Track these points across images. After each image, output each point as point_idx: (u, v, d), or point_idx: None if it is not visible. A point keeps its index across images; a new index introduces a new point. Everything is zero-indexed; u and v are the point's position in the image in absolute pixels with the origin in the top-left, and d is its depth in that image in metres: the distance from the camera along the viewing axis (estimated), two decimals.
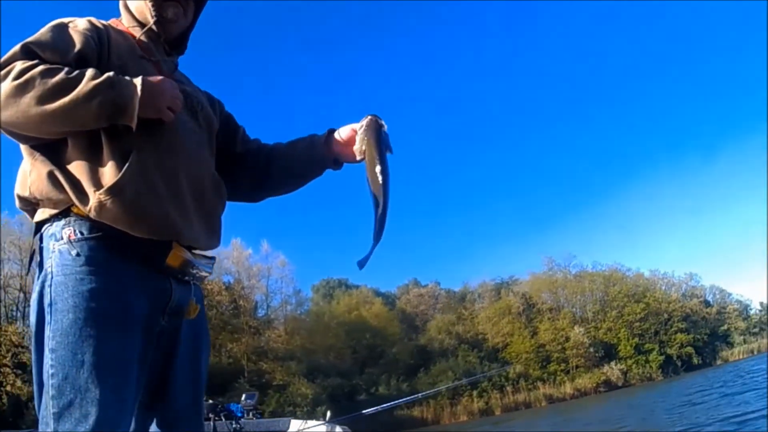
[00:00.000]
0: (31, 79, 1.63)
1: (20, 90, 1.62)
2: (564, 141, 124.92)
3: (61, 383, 1.59)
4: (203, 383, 2.07)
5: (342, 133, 2.17)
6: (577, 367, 57.44)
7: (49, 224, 1.78)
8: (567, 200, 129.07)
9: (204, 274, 1.99)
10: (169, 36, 2.13)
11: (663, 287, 75.83)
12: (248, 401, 8.81)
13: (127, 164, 1.72)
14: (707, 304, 79.85)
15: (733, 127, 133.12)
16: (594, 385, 56.09)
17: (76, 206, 1.73)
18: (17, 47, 1.73)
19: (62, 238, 1.72)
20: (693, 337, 68.83)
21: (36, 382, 1.68)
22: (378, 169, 2.00)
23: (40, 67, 1.66)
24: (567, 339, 59.09)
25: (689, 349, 67.26)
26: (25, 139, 1.74)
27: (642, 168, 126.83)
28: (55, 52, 1.77)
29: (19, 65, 1.66)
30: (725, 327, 78.88)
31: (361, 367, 48.99)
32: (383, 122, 2.08)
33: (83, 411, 1.58)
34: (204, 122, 2.10)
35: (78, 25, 1.88)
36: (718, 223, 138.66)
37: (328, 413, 10.43)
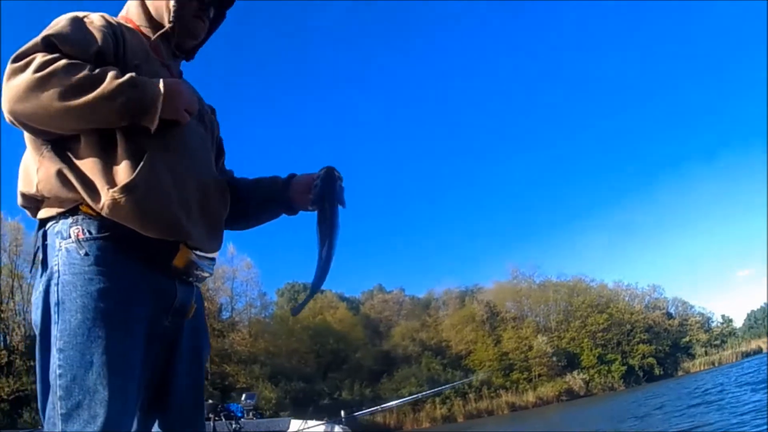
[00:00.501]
0: (54, 73, 1.64)
1: (42, 83, 1.62)
2: (530, 151, 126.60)
3: (69, 384, 1.59)
4: (203, 383, 2.10)
5: (300, 181, 2.19)
6: (539, 375, 58.23)
7: (54, 222, 1.77)
8: (533, 210, 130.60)
9: (206, 274, 2.01)
10: (182, 45, 2.17)
11: (626, 298, 77.13)
12: (248, 401, 9.14)
13: (141, 164, 1.74)
14: (670, 316, 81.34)
15: (700, 143, 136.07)
16: (556, 393, 56.87)
17: (85, 205, 1.74)
18: (38, 39, 1.73)
19: (70, 237, 1.72)
20: (655, 348, 70.16)
21: (40, 381, 1.68)
22: (326, 224, 2.06)
23: (63, 62, 1.67)
24: (530, 348, 59.83)
25: (651, 360, 68.51)
26: (39, 133, 1.74)
27: (609, 180, 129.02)
28: (75, 47, 1.77)
29: (40, 57, 1.66)
30: (687, 339, 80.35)
31: (324, 372, 49.20)
32: (339, 175, 2.12)
33: (91, 412, 1.58)
34: (209, 127, 2.15)
35: (94, 21, 1.88)
36: (682, 236, 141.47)
37: (342, 412, 11.00)
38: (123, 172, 1.72)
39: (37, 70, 1.62)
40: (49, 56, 1.67)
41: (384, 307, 63.20)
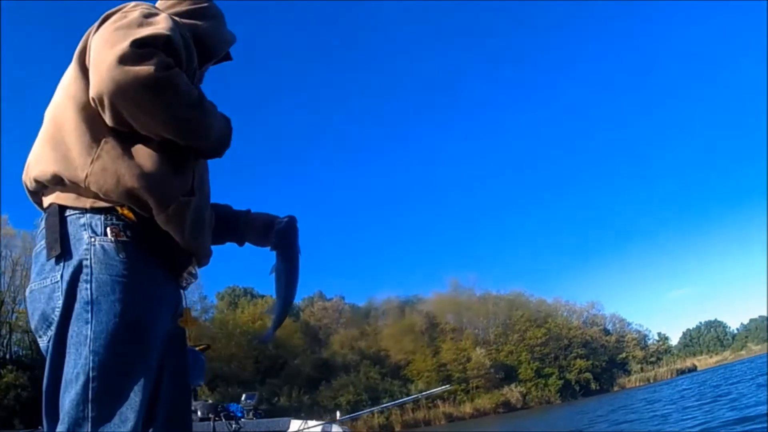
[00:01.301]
0: (175, 80, 1.63)
1: (161, 85, 1.60)
2: (472, 165, 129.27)
3: (104, 388, 1.58)
4: (190, 395, 2.11)
5: (258, 220, 2.26)
6: (477, 387, 59.71)
7: (78, 213, 1.72)
8: (475, 224, 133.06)
9: (194, 281, 2.03)
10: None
11: (565, 314, 79.54)
12: (248, 401, 9.06)
13: (193, 176, 1.82)
14: (607, 332, 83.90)
15: (638, 168, 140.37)
16: (493, 405, 58.41)
17: (127, 208, 1.72)
18: (160, 31, 1.68)
19: (106, 235, 1.69)
20: (592, 363, 72.35)
21: (50, 374, 1.65)
22: (290, 267, 2.21)
23: (182, 75, 1.68)
24: (468, 359, 61.39)
25: (588, 375, 70.59)
26: (117, 121, 1.66)
27: (551, 199, 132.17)
28: (179, 58, 1.75)
29: (164, 57, 1.63)
30: (623, 355, 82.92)
31: (262, 378, 49.50)
32: (296, 226, 2.24)
33: (123, 416, 1.59)
34: None
35: (176, 26, 1.83)
36: (622, 256, 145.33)
37: (338, 413, 11.43)
38: (181, 181, 1.77)
39: (159, 69, 1.59)
40: (169, 60, 1.65)
41: (324, 315, 63.96)
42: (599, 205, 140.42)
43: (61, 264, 1.67)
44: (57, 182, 1.75)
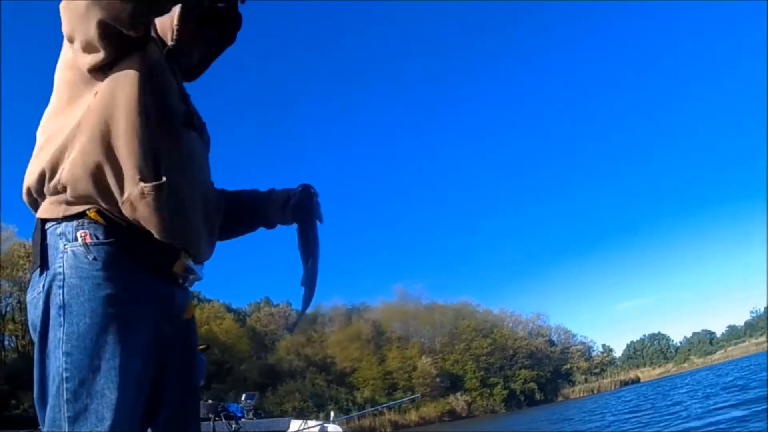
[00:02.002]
0: None
1: None
2: (422, 173, 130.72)
3: (77, 388, 1.60)
4: (198, 392, 2.14)
5: (280, 196, 2.23)
6: (423, 395, 59.32)
7: (56, 223, 1.76)
8: (423, 232, 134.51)
9: (198, 277, 2.03)
10: (181, 65, 2.13)
11: (511, 324, 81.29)
12: (248, 401, 9.34)
13: (163, 167, 1.77)
14: (552, 343, 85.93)
15: (590, 181, 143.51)
16: (439, 414, 59.60)
17: (94, 210, 1.74)
18: None
19: (76, 240, 1.71)
20: (537, 373, 74.32)
21: (38, 382, 1.69)
22: (308, 238, 2.17)
23: None
24: (414, 368, 62.52)
25: (532, 385, 72.39)
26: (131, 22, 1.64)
27: (500, 210, 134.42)
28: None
29: None
30: (568, 366, 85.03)
31: (207, 383, 48.20)
32: (315, 191, 2.22)
33: (99, 415, 1.60)
34: (206, 139, 2.14)
35: None
36: (569, 268, 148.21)
37: (332, 413, 11.48)
38: (148, 171, 1.73)
39: None
40: None
41: (270, 320, 64.35)
42: (548, 218, 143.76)
43: (44, 275, 1.71)
44: (38, 189, 1.80)
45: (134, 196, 1.72)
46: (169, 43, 2.03)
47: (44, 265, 1.74)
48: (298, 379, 54.72)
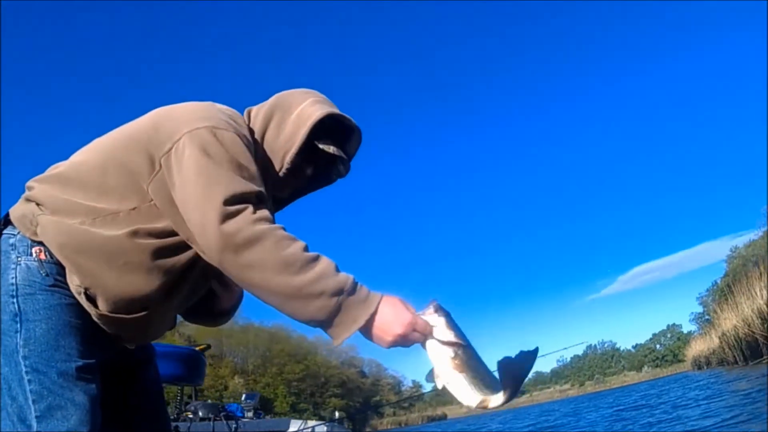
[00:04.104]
0: (270, 240, 1.64)
1: (252, 245, 1.63)
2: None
3: (39, 389, 1.68)
4: (167, 413, 2.27)
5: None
6: None
7: (14, 230, 1.85)
8: None
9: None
10: (277, 193, 2.11)
11: (325, 352, 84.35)
12: (248, 401, 10.25)
13: (144, 314, 1.85)
14: (364, 374, 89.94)
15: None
16: None
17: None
18: (250, 188, 1.73)
19: (31, 255, 1.79)
20: (347, 402, 77.92)
21: None
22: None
23: (280, 232, 1.68)
24: (226, 387, 64.52)
25: (342, 414, 74.79)
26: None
27: (336, 232, 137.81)
28: (266, 204, 1.80)
29: (259, 215, 1.68)
30: (378, 398, 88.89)
31: None
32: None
33: (63, 412, 1.68)
34: None
35: (250, 156, 1.85)
36: None
37: (337, 413, 13.23)
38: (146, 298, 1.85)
39: (253, 223, 1.64)
40: (263, 213, 1.70)
41: None
42: (364, 245, 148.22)
43: None
44: (52, 200, 1.85)
45: (73, 288, 1.79)
46: (279, 171, 2.00)
47: None
48: None
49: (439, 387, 1.74)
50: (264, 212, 1.71)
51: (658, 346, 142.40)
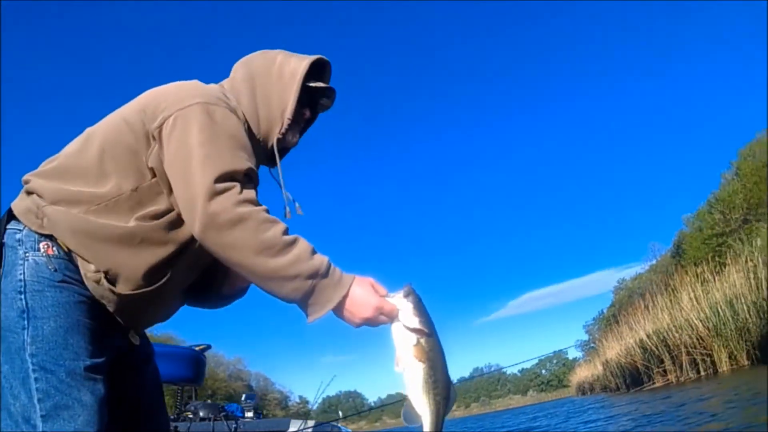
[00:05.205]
0: (251, 223, 1.71)
1: (234, 225, 1.70)
2: None
3: (46, 387, 1.68)
4: (164, 405, 2.29)
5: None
6: None
7: (19, 226, 1.85)
8: None
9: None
10: (287, 144, 2.20)
11: (213, 365, 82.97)
12: (248, 401, 9.32)
13: (164, 280, 1.91)
14: (250, 388, 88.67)
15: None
16: None
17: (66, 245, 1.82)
18: (240, 166, 1.80)
19: (39, 250, 1.80)
20: None
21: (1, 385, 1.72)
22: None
23: (261, 215, 1.74)
24: None
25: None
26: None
27: None
28: (255, 178, 1.89)
29: (244, 195, 1.75)
30: (264, 413, 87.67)
31: None
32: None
33: (70, 412, 1.68)
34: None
35: (243, 131, 1.94)
36: (278, 312, 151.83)
37: (340, 413, 12.24)
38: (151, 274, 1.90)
39: (238, 205, 1.71)
40: (249, 195, 1.77)
41: None
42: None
43: (3, 279, 1.79)
44: (55, 194, 1.86)
45: (90, 275, 1.83)
46: (273, 137, 2.12)
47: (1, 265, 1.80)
48: None
49: (397, 372, 1.81)
50: (250, 193, 1.78)
51: (543, 371, 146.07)
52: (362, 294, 1.80)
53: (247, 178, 1.82)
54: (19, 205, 1.89)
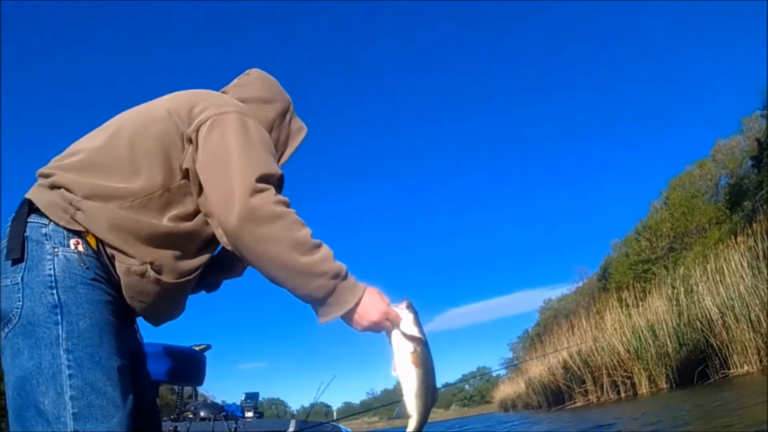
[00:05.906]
0: (287, 221, 1.82)
1: (273, 221, 1.79)
2: None
3: (81, 384, 1.67)
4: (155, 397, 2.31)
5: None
6: None
7: (44, 221, 1.83)
8: None
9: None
10: None
11: None
12: (248, 401, 9.00)
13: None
14: (173, 391, 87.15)
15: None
16: None
17: (94, 239, 1.85)
18: (276, 171, 1.92)
19: (68, 246, 1.80)
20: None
21: (16, 374, 1.70)
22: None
23: (295, 216, 1.85)
24: None
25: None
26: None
27: None
28: (281, 189, 1.98)
29: (280, 197, 1.85)
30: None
31: None
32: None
33: (104, 412, 1.68)
34: None
35: (271, 142, 2.09)
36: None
37: (335, 413, 11.96)
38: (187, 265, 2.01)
39: (276, 204, 1.82)
40: (282, 199, 1.86)
41: None
42: None
43: (21, 266, 1.76)
44: (60, 176, 1.88)
45: (135, 269, 1.87)
46: (280, 158, 2.27)
47: (24, 259, 1.77)
48: None
49: (394, 375, 1.96)
50: (284, 197, 1.87)
51: (467, 386, 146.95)
52: (372, 299, 1.92)
53: (279, 183, 1.94)
54: (42, 198, 1.86)
